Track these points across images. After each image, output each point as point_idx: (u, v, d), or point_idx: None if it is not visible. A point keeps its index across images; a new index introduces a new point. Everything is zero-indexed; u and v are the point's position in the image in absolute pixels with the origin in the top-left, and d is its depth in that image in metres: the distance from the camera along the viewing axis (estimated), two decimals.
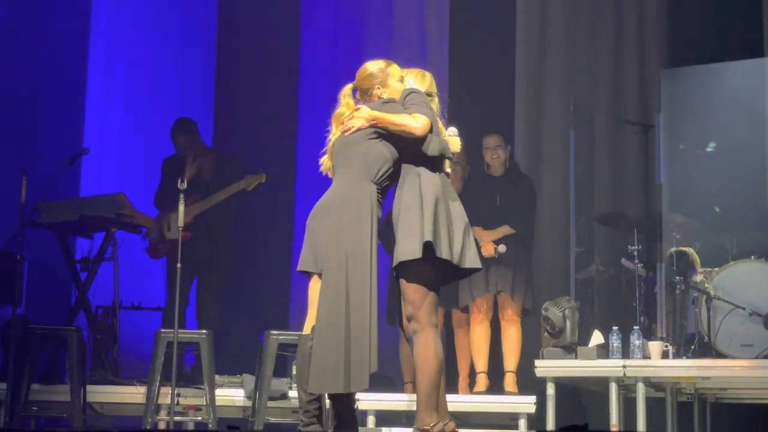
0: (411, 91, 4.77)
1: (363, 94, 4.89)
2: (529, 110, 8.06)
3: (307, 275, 4.79)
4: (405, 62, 8.30)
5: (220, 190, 7.25)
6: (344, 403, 4.73)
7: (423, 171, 4.68)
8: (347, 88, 4.89)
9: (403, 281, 4.63)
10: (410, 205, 4.62)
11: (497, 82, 8.01)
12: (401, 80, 4.90)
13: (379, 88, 4.84)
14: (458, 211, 4.71)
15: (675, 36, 7.80)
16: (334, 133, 4.85)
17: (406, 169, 4.72)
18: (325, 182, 4.91)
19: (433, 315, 4.62)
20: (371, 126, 4.70)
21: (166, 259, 7.49)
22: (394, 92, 4.84)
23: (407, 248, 4.56)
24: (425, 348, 4.56)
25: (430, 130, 4.67)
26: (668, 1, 7.85)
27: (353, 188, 4.69)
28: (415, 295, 4.59)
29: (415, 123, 4.63)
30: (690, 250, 6.52)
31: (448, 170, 4.81)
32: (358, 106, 4.77)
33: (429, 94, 4.85)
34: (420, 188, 4.62)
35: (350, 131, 4.68)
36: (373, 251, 4.67)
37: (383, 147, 4.71)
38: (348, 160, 4.74)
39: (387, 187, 4.81)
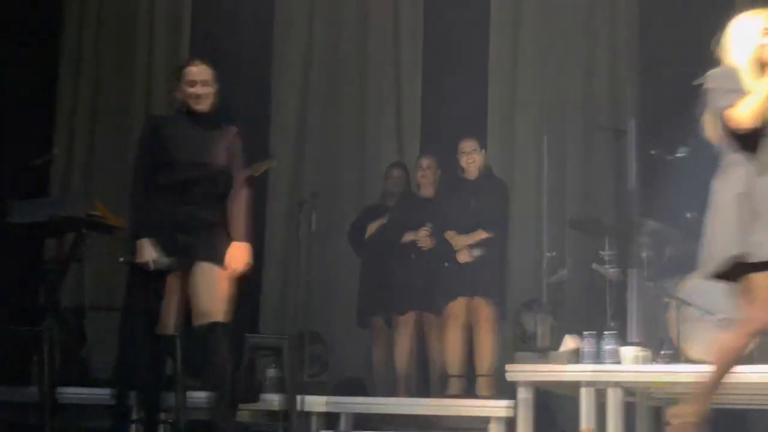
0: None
1: None
2: (502, 114, 8.08)
3: None
4: (377, 59, 8.30)
5: None
6: None
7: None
8: None
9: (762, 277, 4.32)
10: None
11: (470, 85, 8.03)
12: None
13: None
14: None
15: (647, 40, 7.84)
16: None
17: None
18: None
19: None
20: None
21: None
22: None
23: None
24: None
25: None
26: (640, 6, 7.90)
27: None
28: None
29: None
30: None
31: None
32: None
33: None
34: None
35: None
36: None
37: None
38: None
39: None
